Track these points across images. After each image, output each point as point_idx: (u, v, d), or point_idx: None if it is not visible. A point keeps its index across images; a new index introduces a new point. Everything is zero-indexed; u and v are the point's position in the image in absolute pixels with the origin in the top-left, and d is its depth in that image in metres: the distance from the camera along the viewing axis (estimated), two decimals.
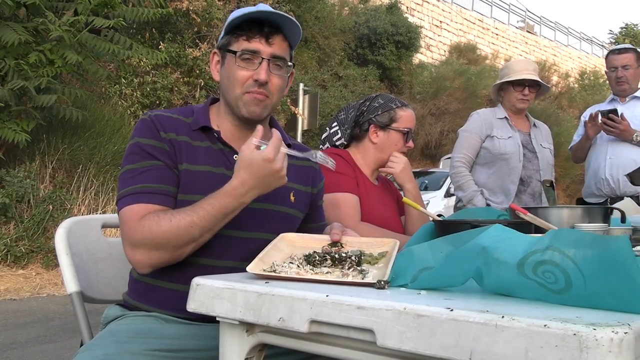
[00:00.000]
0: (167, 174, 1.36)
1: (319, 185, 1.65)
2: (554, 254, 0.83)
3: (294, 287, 0.96)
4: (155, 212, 1.30)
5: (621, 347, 0.66)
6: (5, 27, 6.16)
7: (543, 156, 3.18)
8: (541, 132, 3.30)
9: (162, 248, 1.28)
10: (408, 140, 2.14)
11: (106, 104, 8.85)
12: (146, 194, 1.32)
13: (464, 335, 0.75)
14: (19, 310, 4.93)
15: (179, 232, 1.26)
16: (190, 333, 1.33)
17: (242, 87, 1.42)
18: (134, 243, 1.30)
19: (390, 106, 2.12)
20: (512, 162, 3.10)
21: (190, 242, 1.29)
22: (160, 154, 1.37)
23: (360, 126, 2.13)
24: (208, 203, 1.27)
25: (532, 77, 3.13)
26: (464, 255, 0.91)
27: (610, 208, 1.53)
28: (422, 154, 17.35)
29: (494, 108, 3.32)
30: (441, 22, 22.13)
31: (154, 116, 1.43)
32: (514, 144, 3.12)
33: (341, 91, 14.12)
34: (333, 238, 1.32)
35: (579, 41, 32.53)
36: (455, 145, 3.28)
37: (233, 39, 1.44)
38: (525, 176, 3.12)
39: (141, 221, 1.28)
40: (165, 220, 1.27)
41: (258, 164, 1.24)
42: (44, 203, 6.71)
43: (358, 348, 0.90)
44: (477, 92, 18.28)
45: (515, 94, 3.16)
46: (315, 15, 14.37)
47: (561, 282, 0.82)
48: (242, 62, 1.41)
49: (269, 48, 1.42)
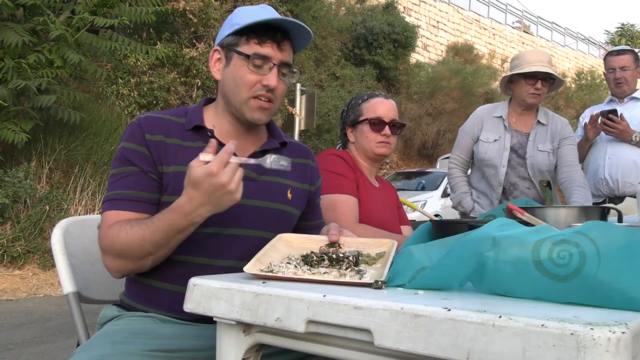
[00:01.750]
0: (142, 180, 1.36)
1: (316, 183, 1.64)
2: (578, 236, 0.84)
3: (291, 287, 0.96)
4: (121, 221, 1.31)
5: (618, 347, 0.66)
6: (5, 28, 6.14)
7: (534, 162, 2.94)
8: (548, 130, 3.00)
9: (123, 257, 1.32)
10: (379, 127, 2.08)
11: (103, 104, 8.83)
12: (119, 201, 1.34)
13: (461, 335, 0.75)
14: (15, 311, 4.92)
15: (133, 244, 1.28)
16: (187, 333, 1.33)
17: (250, 91, 1.41)
18: (102, 249, 1.35)
19: (357, 103, 2.15)
20: (493, 168, 2.97)
21: (146, 255, 1.30)
22: (138, 159, 1.37)
23: (344, 132, 2.20)
24: (158, 218, 1.27)
25: (546, 70, 2.89)
26: (464, 251, 0.92)
27: (608, 208, 1.53)
28: (419, 154, 17.37)
29: (498, 103, 3.19)
30: (438, 22, 22.15)
31: (144, 118, 1.42)
32: (497, 149, 2.96)
33: (338, 91, 14.13)
34: (331, 239, 1.32)
35: (576, 41, 32.59)
36: (454, 144, 3.23)
37: (243, 40, 1.40)
38: (507, 184, 2.96)
39: (108, 229, 1.32)
40: (123, 232, 1.29)
41: (203, 179, 1.17)
42: (40, 203, 6.70)
43: (355, 348, 0.89)
44: (473, 91, 18.31)
45: (526, 88, 2.93)
46: (313, 15, 14.36)
47: (574, 262, 0.82)
48: (253, 67, 1.39)
49: (279, 54, 1.41)
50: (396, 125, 2.10)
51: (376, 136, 2.08)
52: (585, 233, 0.84)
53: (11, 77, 6.14)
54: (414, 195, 10.67)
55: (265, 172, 1.47)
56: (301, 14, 13.60)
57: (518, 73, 2.94)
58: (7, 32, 6.06)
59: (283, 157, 1.29)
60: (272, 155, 1.30)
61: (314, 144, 12.49)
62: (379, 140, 2.08)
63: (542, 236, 0.87)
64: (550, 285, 0.84)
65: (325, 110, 12.89)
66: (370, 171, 2.16)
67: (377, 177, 2.23)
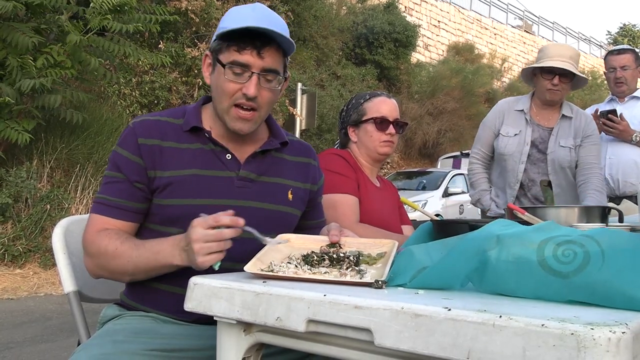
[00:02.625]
0: (127, 189, 1.38)
1: (319, 182, 1.63)
2: (584, 238, 0.85)
3: (291, 287, 0.96)
4: (111, 231, 1.35)
5: (619, 347, 0.66)
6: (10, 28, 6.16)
7: (555, 158, 2.84)
8: (572, 125, 2.88)
9: (103, 268, 1.37)
10: (383, 127, 2.08)
11: (104, 104, 8.83)
12: (108, 207, 1.38)
13: (461, 334, 0.75)
14: (16, 310, 4.92)
15: (116, 260, 1.32)
16: (188, 333, 1.33)
17: (230, 99, 1.38)
18: (85, 250, 1.39)
19: (359, 102, 2.14)
20: (511, 163, 2.88)
21: (125, 274, 1.35)
22: (126, 168, 1.38)
23: (344, 131, 2.18)
24: (150, 243, 1.31)
25: (563, 66, 2.73)
26: (466, 249, 0.92)
27: (609, 208, 1.53)
28: (420, 154, 17.35)
29: (520, 96, 3.08)
30: (439, 21, 22.13)
31: (139, 123, 1.42)
32: (517, 143, 2.87)
33: (339, 91, 14.12)
34: (332, 240, 1.31)
35: (577, 41, 32.56)
36: (475, 138, 3.13)
37: (224, 47, 1.37)
38: (525, 179, 2.87)
39: (98, 234, 1.35)
40: (112, 247, 1.32)
41: (191, 225, 1.19)
42: (41, 202, 6.70)
43: (355, 347, 0.89)
44: (474, 90, 18.29)
45: (544, 83, 2.82)
46: (314, 14, 14.35)
47: (578, 259, 0.83)
48: (231, 75, 1.36)
49: (260, 61, 1.35)
50: (399, 124, 2.11)
51: (381, 135, 2.08)
52: (591, 236, 0.86)
53: (16, 75, 6.16)
54: (414, 195, 10.66)
55: (265, 172, 1.47)
56: (302, 14, 13.60)
57: (537, 67, 2.85)
58: (14, 33, 6.08)
59: (279, 238, 1.31)
60: (277, 238, 1.32)
61: (315, 144, 12.48)
62: (383, 140, 2.08)
63: (547, 235, 0.88)
64: (552, 283, 0.84)
65: (326, 109, 12.88)
66: (371, 171, 2.15)
67: (378, 176, 2.23)
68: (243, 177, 1.43)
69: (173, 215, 1.36)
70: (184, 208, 1.35)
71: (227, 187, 1.40)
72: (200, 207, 1.31)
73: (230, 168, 1.42)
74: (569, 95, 3.31)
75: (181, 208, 1.35)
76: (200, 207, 1.33)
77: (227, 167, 1.42)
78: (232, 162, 1.43)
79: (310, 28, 14.45)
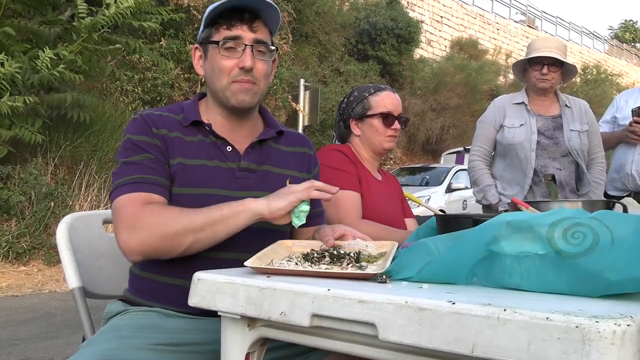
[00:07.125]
0: (160, 167, 1.37)
1: (314, 171, 1.64)
2: (594, 221, 0.86)
3: (295, 282, 0.96)
4: (159, 202, 1.32)
5: (624, 340, 0.66)
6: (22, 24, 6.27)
7: (572, 144, 2.92)
8: (572, 112, 3.01)
9: (161, 235, 1.26)
10: (389, 122, 2.08)
11: (107, 101, 8.85)
12: (144, 184, 1.33)
13: (466, 328, 0.75)
14: (20, 307, 4.94)
15: (182, 219, 1.26)
16: (192, 327, 1.33)
17: (229, 76, 1.42)
18: (136, 226, 1.27)
19: (363, 95, 2.12)
20: (523, 152, 2.94)
21: (190, 231, 1.26)
22: (151, 149, 1.38)
23: (344, 124, 2.16)
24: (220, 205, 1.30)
25: (549, 54, 2.89)
26: (474, 238, 0.93)
27: (613, 202, 1.53)
28: (423, 150, 17.34)
29: (515, 93, 3.17)
30: (442, 17, 22.07)
31: (145, 115, 1.44)
32: (525, 132, 2.94)
33: (342, 87, 14.11)
34: (327, 244, 1.29)
35: (581, 36, 32.45)
36: (473, 138, 3.17)
37: (214, 30, 1.43)
38: (539, 166, 2.93)
39: (145, 207, 1.29)
40: (172, 208, 1.30)
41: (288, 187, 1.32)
42: (45, 199, 6.72)
43: (360, 342, 0.89)
44: (478, 87, 18.26)
45: (534, 73, 2.96)
46: (316, 10, 14.34)
47: (588, 240, 0.84)
48: (225, 51, 1.40)
49: (251, 34, 1.41)
50: (402, 119, 2.11)
51: (386, 130, 2.08)
52: (599, 219, 0.86)
53: (25, 72, 6.19)
54: (418, 191, 10.66)
55: (264, 162, 1.49)
56: (304, 10, 13.59)
57: (527, 61, 3.00)
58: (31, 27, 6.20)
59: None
60: None
61: (318, 140, 12.49)
62: (388, 135, 2.09)
63: (557, 217, 0.89)
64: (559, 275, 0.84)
65: (329, 106, 12.88)
66: (372, 164, 2.14)
67: (380, 169, 2.22)
68: (244, 167, 1.45)
69: (181, 204, 1.36)
70: (191, 197, 1.37)
71: (229, 178, 1.43)
72: (206, 197, 1.35)
73: (231, 159, 1.45)
74: (573, 90, 3.35)
75: (188, 197, 1.37)
76: (206, 196, 1.36)
77: (228, 158, 1.45)
78: (232, 153, 1.46)
79: (313, 24, 14.44)
